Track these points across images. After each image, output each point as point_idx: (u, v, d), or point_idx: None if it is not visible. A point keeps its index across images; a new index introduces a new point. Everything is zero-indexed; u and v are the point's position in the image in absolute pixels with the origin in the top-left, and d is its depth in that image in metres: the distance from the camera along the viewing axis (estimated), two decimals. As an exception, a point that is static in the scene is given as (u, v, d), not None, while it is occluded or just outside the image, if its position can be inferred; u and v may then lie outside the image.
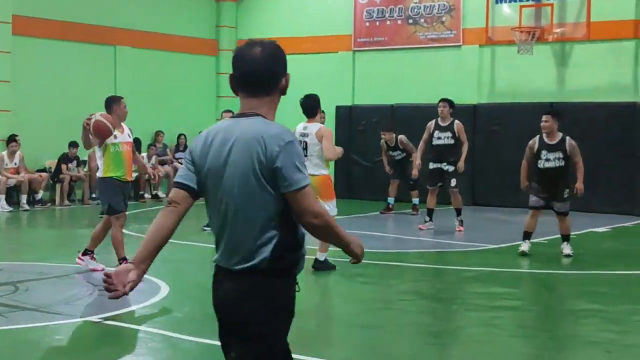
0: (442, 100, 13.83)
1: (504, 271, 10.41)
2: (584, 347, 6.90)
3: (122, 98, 9.98)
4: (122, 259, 9.62)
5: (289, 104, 19.66)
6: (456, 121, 13.63)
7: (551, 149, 10.94)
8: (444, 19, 19.13)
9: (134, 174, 19.17)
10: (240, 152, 3.37)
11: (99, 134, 9.28)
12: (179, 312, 7.90)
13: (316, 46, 20.78)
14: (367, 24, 20.12)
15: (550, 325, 7.64)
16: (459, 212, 13.72)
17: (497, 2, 18.21)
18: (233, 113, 4.45)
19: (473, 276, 10.16)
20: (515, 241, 12.40)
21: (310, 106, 10.58)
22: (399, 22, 19.70)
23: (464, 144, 13.47)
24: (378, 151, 17.10)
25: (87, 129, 9.24)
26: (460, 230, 13.64)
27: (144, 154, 19.40)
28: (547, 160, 10.93)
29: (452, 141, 13.50)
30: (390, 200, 16.66)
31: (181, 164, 20.77)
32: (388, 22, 19.85)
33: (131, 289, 3.49)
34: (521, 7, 17.61)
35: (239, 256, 3.40)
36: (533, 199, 11.12)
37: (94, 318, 7.49)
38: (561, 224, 11.19)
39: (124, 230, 10.03)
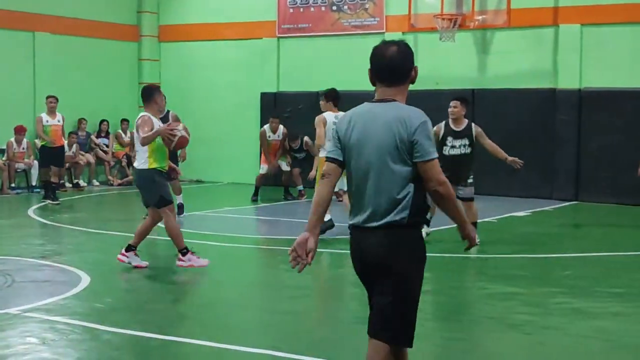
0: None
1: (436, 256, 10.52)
2: (504, 329, 7.02)
3: (159, 87, 9.84)
4: (184, 249, 9.29)
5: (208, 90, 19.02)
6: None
7: (457, 135, 10.85)
8: (367, 6, 19.20)
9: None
10: (383, 130, 4.16)
11: (181, 146, 9.63)
12: (99, 302, 7.78)
13: (240, 32, 20.65)
14: (291, 10, 20.07)
15: (470, 309, 7.75)
16: None
17: (419, -11, 18.35)
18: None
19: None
20: (438, 227, 12.55)
21: (338, 97, 11.60)
22: (323, 8, 19.71)
23: None
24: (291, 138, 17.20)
25: (167, 141, 9.11)
26: None
27: (65, 142, 19.02)
28: (453, 147, 10.86)
29: None
30: (300, 187, 17.04)
31: (104, 152, 20.61)
32: (312, 9, 19.84)
33: (312, 258, 4.22)
34: (443, -6, 17.79)
35: (382, 215, 4.13)
36: None
37: (13, 310, 7.33)
38: (468, 210, 10.93)
39: (47, 222, 9.86)
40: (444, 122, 11.05)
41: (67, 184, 19.24)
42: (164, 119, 12.48)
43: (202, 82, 21.11)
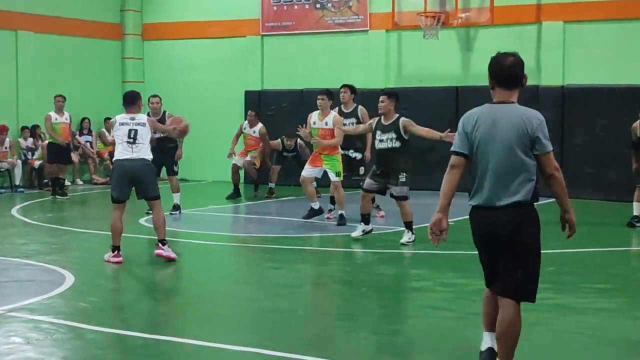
0: (344, 85, 13.71)
1: (412, 253, 10.55)
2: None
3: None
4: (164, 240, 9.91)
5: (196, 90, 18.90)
6: (360, 106, 13.63)
7: (385, 129, 10.90)
8: (351, 3, 19.21)
9: (37, 162, 18.80)
10: (507, 127, 5.06)
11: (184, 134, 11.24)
12: (84, 302, 7.75)
13: (223, 30, 20.62)
14: (275, 8, 20.05)
15: (456, 305, 7.76)
16: (372, 199, 13.69)
17: (403, -13, 18.38)
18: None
19: (381, 258, 10.26)
20: (423, 223, 12.55)
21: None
22: (307, 6, 19.70)
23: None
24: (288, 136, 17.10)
25: (180, 132, 11.05)
26: (382, 216, 13.67)
27: (47, 141, 18.93)
28: (381, 140, 10.89)
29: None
30: (272, 185, 17.07)
31: (87, 149, 20.44)
32: (296, 7, 19.83)
33: (446, 235, 5.26)
34: (427, -9, 17.81)
35: (508, 196, 5.06)
36: (367, 181, 11.10)
37: (-4, 310, 7.29)
38: (400, 209, 10.88)
39: (31, 221, 9.82)
40: (377, 118, 11.19)
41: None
42: (161, 121, 12.95)
43: (186, 81, 21.06)
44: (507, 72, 5.25)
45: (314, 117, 12.94)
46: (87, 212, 16.06)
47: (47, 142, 17.29)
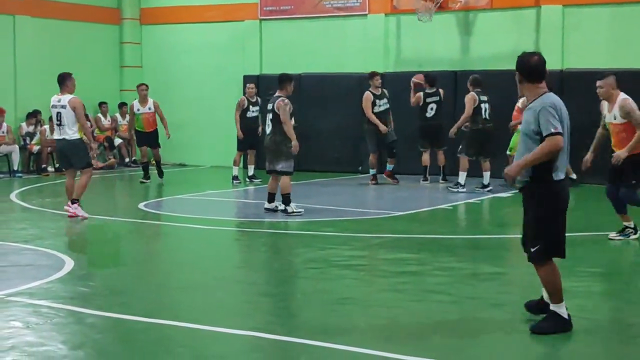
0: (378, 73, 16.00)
1: (409, 237, 10.58)
2: (486, 309, 7.07)
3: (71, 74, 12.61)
4: (77, 200, 11.91)
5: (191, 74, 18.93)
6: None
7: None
8: (349, -13, 19.15)
9: (36, 147, 18.81)
10: (567, 114, 6.35)
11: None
12: (83, 286, 7.78)
13: (221, 14, 20.57)
14: (273, -8, 19.99)
15: (453, 289, 7.79)
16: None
17: (401, -29, 18.32)
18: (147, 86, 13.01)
19: (380, 243, 10.29)
20: (421, 208, 12.63)
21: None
22: (305, -10, 19.63)
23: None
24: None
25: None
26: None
27: (46, 126, 18.94)
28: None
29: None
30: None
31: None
32: (294, -9, 19.76)
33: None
34: (425, -25, 17.76)
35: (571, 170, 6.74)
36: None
37: (-4, 295, 7.32)
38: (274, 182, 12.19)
39: (29, 206, 9.82)
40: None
41: (50, 169, 19.15)
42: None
43: (184, 65, 21.03)
44: (541, 67, 6.47)
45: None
46: (86, 196, 16.03)
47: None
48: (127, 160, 20.80)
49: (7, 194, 15.01)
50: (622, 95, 9.62)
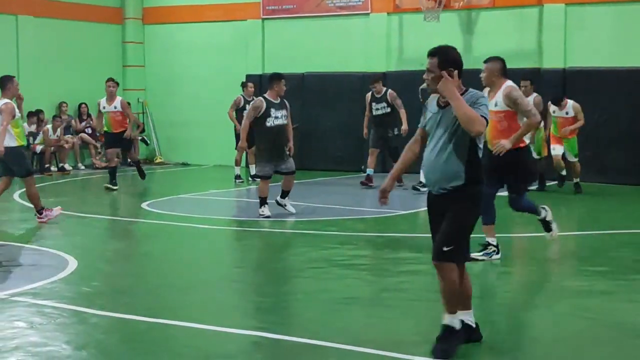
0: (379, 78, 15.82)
1: (411, 236, 10.58)
2: (488, 307, 7.07)
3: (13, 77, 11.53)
4: (41, 209, 11.45)
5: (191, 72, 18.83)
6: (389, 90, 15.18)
7: (278, 107, 11.95)
8: (352, -14, 19.15)
9: (39, 147, 18.82)
10: None
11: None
12: (87, 286, 7.80)
13: (224, 14, 20.57)
14: (276, -9, 19.99)
15: (457, 288, 7.79)
16: None
17: (404, -30, 18.31)
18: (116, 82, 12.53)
19: (381, 242, 10.30)
20: (422, 207, 12.60)
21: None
22: (308, -11, 19.63)
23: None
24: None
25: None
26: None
27: (49, 126, 18.98)
28: (276, 117, 11.84)
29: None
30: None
31: (87, 133, 20.43)
32: (296, -10, 19.76)
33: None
34: (428, -26, 17.76)
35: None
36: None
37: (0, 294, 7.33)
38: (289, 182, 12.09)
39: (30, 206, 9.79)
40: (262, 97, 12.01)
41: (53, 168, 19.18)
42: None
43: (187, 65, 21.04)
44: None
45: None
46: (89, 196, 16.10)
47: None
48: (129, 160, 20.80)
49: (10, 194, 15.01)
50: (508, 82, 8.73)
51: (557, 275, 8.29)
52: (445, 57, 5.70)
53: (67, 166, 19.33)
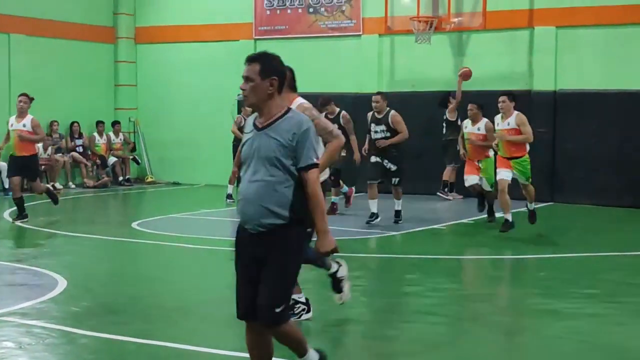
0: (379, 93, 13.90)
1: (403, 257, 10.58)
2: (479, 330, 7.07)
3: None
4: None
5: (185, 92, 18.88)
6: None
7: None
8: (344, 8, 19.25)
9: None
10: None
11: None
12: (76, 306, 7.76)
13: (217, 34, 20.63)
14: (268, 12, 20.07)
15: (447, 310, 7.80)
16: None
17: (395, -8, 18.40)
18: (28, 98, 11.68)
19: (378, 263, 10.30)
20: (417, 228, 12.64)
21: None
22: (300, 10, 19.73)
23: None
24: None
25: None
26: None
27: (40, 145, 18.91)
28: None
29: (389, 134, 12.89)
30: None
31: (78, 152, 20.38)
32: (289, 11, 19.85)
33: None
34: (419, -4, 17.85)
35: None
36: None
37: (-12, 315, 7.29)
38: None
39: (23, 225, 9.75)
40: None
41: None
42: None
43: (178, 84, 21.06)
44: None
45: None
46: (79, 215, 16.05)
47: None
48: (120, 178, 20.78)
49: None
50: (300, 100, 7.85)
51: (546, 298, 8.28)
52: (269, 65, 4.88)
53: (57, 185, 19.27)
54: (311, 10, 19.59)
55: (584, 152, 16.63)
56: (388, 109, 13.02)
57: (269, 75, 4.81)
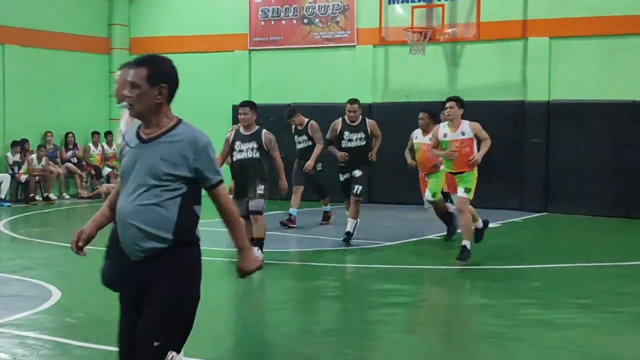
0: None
1: (398, 268, 10.58)
2: (473, 340, 7.08)
3: None
4: None
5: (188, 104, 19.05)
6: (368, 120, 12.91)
7: (245, 139, 10.56)
8: (338, 19, 19.31)
9: (24, 177, 18.75)
10: None
11: None
12: (70, 317, 7.75)
13: (211, 45, 20.67)
14: (263, 23, 20.13)
15: (440, 321, 7.80)
16: None
17: (389, 3, 18.47)
18: None
19: (368, 274, 10.30)
20: (411, 238, 12.65)
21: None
22: (294, 21, 19.79)
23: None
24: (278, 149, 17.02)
25: None
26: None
27: (34, 156, 18.92)
28: (240, 151, 10.51)
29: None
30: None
31: (73, 163, 20.40)
32: (283, 22, 19.91)
33: None
34: (413, 7, 17.93)
35: None
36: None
37: (-18, 326, 7.28)
38: (254, 224, 10.18)
39: (17, 236, 9.75)
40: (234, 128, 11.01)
41: (38, 197, 19.10)
42: None
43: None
44: None
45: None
46: (74, 226, 15.96)
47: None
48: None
49: (-6, 224, 14.96)
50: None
51: (540, 308, 8.29)
52: (158, 70, 4.33)
53: (52, 196, 19.26)
54: (306, 21, 19.64)
55: (577, 163, 16.68)
56: (361, 117, 12.59)
57: (158, 82, 4.28)
